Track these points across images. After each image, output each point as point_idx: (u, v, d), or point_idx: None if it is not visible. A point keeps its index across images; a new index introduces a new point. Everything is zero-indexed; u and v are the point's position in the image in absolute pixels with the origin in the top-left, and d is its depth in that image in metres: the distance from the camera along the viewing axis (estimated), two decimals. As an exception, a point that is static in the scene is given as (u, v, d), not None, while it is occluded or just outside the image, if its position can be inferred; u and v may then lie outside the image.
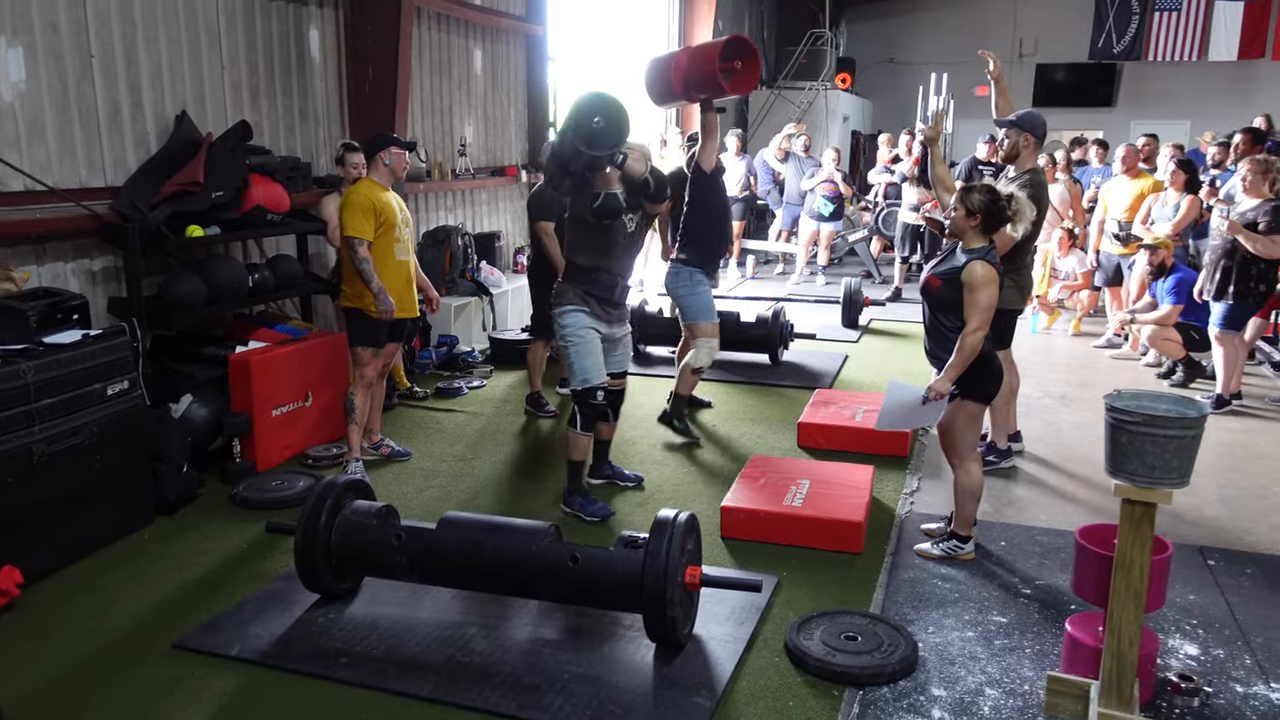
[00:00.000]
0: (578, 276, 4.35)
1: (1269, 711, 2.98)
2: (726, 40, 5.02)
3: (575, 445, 4.41)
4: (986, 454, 5.04)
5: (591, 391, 4.31)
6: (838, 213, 10.97)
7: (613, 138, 4.01)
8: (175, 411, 4.70)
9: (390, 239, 4.84)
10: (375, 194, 4.77)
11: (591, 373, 4.31)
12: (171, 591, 3.70)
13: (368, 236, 4.72)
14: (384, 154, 4.83)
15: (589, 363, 4.31)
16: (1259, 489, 4.87)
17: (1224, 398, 6.19)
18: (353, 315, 4.88)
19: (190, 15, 5.30)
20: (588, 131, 3.99)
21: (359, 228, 4.70)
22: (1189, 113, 16.23)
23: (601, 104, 4.05)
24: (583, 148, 3.98)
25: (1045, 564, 3.99)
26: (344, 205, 4.76)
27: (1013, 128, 4.80)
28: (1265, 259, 5.81)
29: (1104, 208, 7.93)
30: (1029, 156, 4.81)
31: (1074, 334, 8.49)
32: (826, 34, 15.58)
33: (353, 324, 4.90)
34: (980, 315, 3.70)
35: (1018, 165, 4.82)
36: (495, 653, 3.24)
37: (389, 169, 4.85)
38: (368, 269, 4.71)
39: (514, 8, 8.69)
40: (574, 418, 4.37)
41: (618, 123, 4.03)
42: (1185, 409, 2.58)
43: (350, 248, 4.72)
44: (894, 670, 3.10)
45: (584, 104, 4.06)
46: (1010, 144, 4.82)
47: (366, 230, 4.72)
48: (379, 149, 4.83)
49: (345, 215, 4.72)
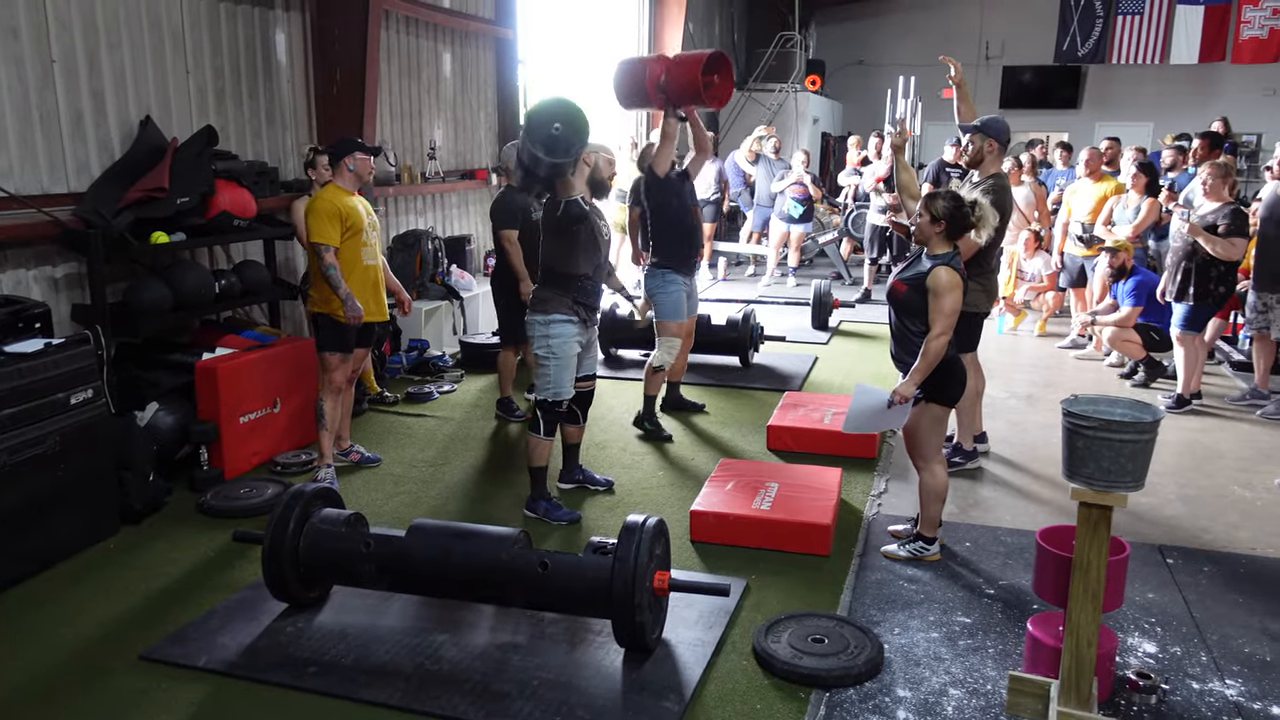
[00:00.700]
0: (566, 285, 4.26)
1: (1223, 707, 3.05)
2: (710, 55, 5.11)
3: (538, 451, 4.40)
4: (952, 456, 5.10)
5: (560, 402, 4.32)
6: (807, 215, 11.05)
7: (571, 144, 4.01)
8: (141, 419, 4.66)
9: (357, 244, 4.83)
10: (340, 199, 4.76)
11: (564, 386, 4.31)
12: (138, 602, 3.67)
13: (334, 242, 4.71)
14: (349, 159, 4.81)
15: (565, 376, 4.30)
16: (1217, 488, 4.97)
17: (1184, 397, 6.30)
18: (321, 320, 4.86)
19: (154, 20, 5.26)
20: (546, 138, 3.99)
21: (325, 234, 4.69)
22: (1152, 115, 16.50)
23: (560, 110, 4.06)
24: (541, 155, 3.98)
25: (1009, 564, 4.05)
26: (309, 212, 4.74)
27: (977, 133, 4.86)
28: (1224, 261, 5.93)
29: (1068, 210, 8.05)
30: (993, 161, 4.88)
31: (1039, 335, 8.61)
32: (796, 36, 15.68)
33: (321, 329, 4.89)
34: (944, 320, 3.75)
35: (981, 170, 4.89)
36: (464, 659, 3.25)
37: (354, 174, 4.84)
38: (335, 275, 4.70)
39: (483, 11, 8.68)
40: (536, 423, 4.36)
41: (576, 128, 4.03)
42: (1140, 414, 2.63)
43: (316, 254, 4.71)
44: (860, 672, 3.14)
45: (542, 110, 4.07)
46: (975, 149, 4.88)
47: (332, 236, 4.70)
48: (343, 154, 4.81)
49: (310, 222, 4.70)
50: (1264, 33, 14.53)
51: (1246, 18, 14.60)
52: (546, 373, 4.30)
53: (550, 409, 4.32)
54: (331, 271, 4.69)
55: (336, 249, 4.71)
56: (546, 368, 4.30)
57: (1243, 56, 14.76)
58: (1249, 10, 14.55)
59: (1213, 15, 14.78)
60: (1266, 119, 15.91)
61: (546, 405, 4.32)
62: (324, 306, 4.82)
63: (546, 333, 4.26)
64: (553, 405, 4.31)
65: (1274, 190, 6.00)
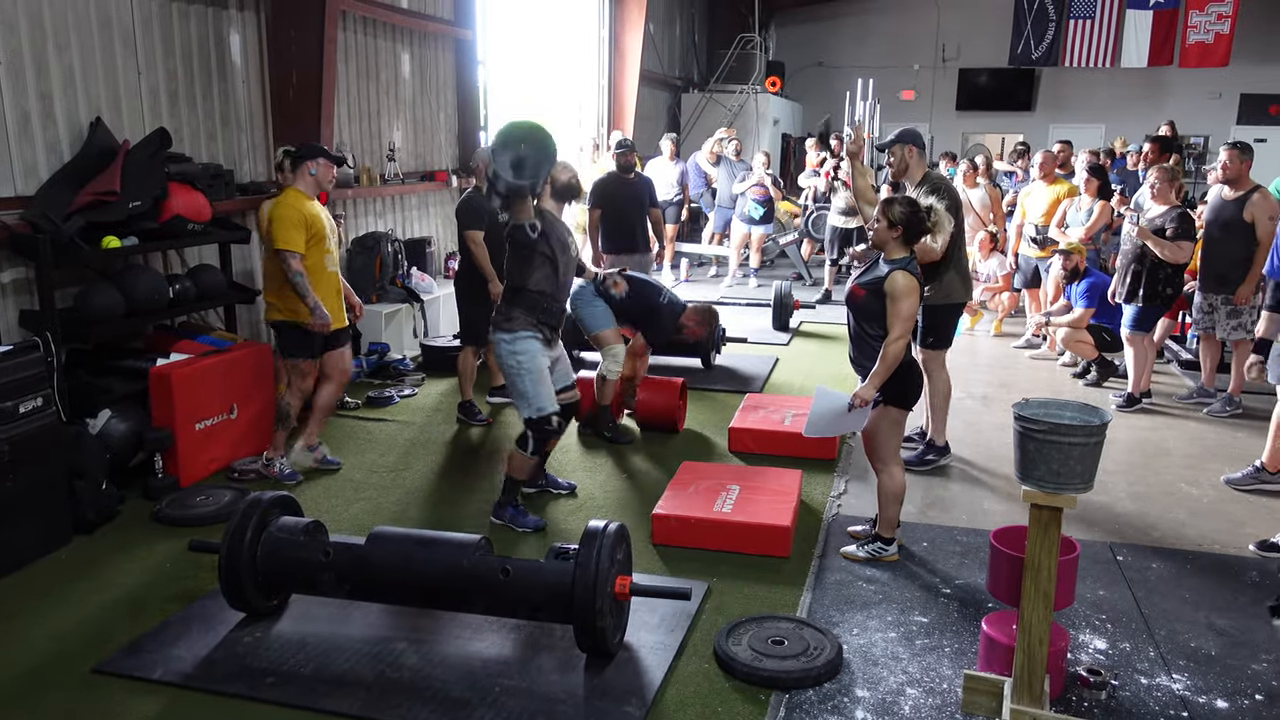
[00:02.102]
0: (531, 304, 4.22)
1: (1170, 701, 3.13)
2: None
3: (520, 465, 4.36)
4: (925, 454, 5.22)
5: (547, 418, 4.25)
6: (768, 216, 11.12)
7: (536, 168, 4.04)
8: (93, 427, 4.58)
9: (321, 250, 4.81)
10: (304, 205, 4.73)
11: (546, 400, 4.24)
12: (91, 613, 3.61)
13: (300, 249, 4.67)
14: (311, 163, 4.77)
15: (544, 390, 4.24)
16: (1165, 485, 5.09)
17: (1135, 396, 6.44)
18: (284, 327, 4.83)
19: (103, 20, 5.16)
20: (513, 158, 4.01)
21: (291, 240, 4.64)
22: (1104, 117, 16.84)
23: (527, 134, 4.08)
24: (506, 176, 4.00)
25: (965, 564, 4.12)
26: (273, 218, 4.68)
27: (895, 145, 5.06)
28: (1172, 264, 6.07)
29: (1022, 212, 8.20)
30: (918, 166, 5.06)
31: (995, 335, 8.75)
32: (756, 38, 15.77)
33: (285, 337, 4.85)
34: (902, 324, 3.81)
35: (909, 177, 5.04)
36: (426, 667, 3.24)
37: (314, 179, 4.80)
38: (302, 282, 4.66)
39: (442, 11, 8.63)
40: (524, 440, 4.28)
41: (542, 154, 4.05)
42: (1088, 417, 2.70)
43: (283, 261, 4.65)
44: (819, 673, 3.18)
45: (513, 131, 4.09)
46: (897, 159, 5.06)
47: (298, 243, 4.66)
48: (306, 159, 4.77)
49: (275, 229, 4.64)
50: (1210, 38, 14.88)
51: (1193, 23, 14.94)
52: (523, 390, 4.22)
53: (540, 427, 4.24)
54: (299, 279, 4.65)
55: (303, 256, 4.68)
56: (521, 385, 4.22)
57: (1190, 61, 15.09)
58: (1195, 15, 14.89)
59: (1161, 20, 15.10)
60: (1212, 122, 16.31)
61: (535, 424, 4.24)
62: (288, 314, 4.78)
63: (514, 349, 4.21)
64: (541, 423, 4.23)
65: (1218, 194, 6.15)
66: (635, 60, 12.78)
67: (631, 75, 12.80)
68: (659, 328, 5.85)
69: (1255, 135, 15.18)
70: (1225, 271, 6.04)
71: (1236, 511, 4.74)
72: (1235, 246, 5.96)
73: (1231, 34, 14.77)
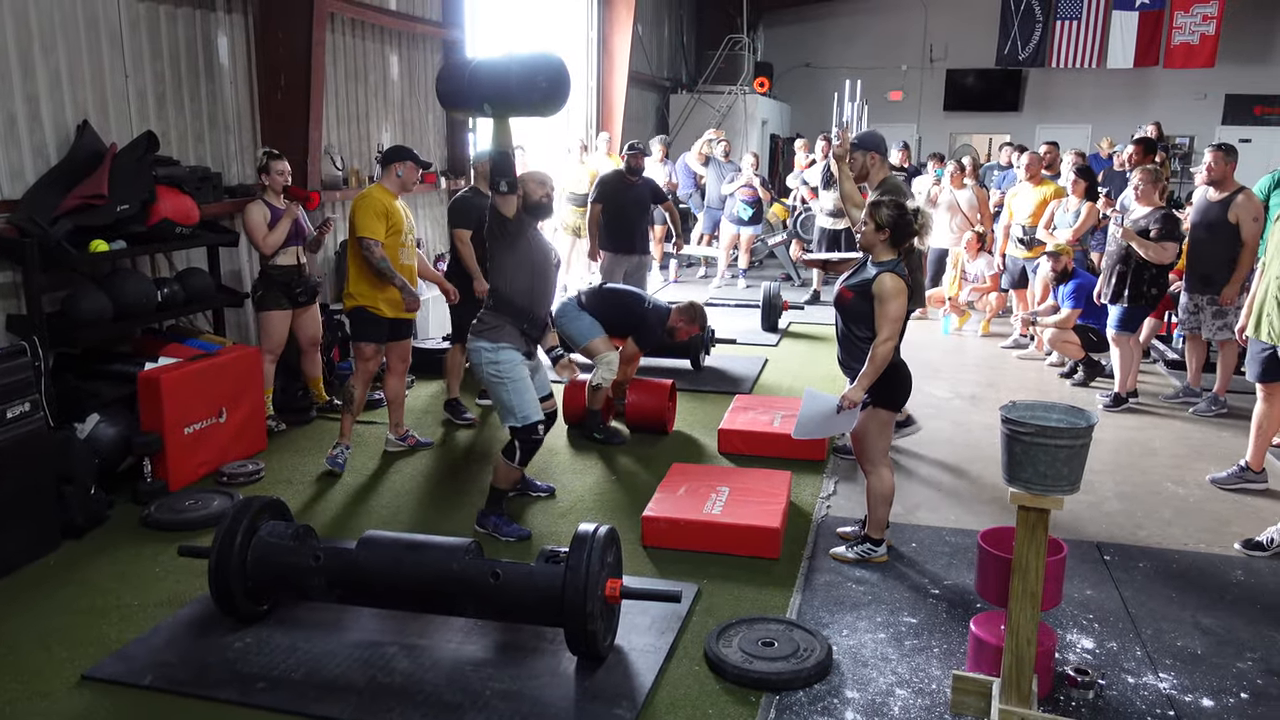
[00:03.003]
0: (514, 314, 4.18)
1: (1156, 700, 3.16)
2: None
3: (506, 475, 4.34)
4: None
5: (533, 427, 4.21)
6: (757, 217, 11.15)
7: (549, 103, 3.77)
8: (81, 432, 4.56)
9: (397, 242, 5.16)
10: (387, 200, 5.11)
11: (530, 408, 4.20)
12: (80, 619, 3.59)
13: (380, 237, 4.99)
14: (399, 165, 5.15)
15: (527, 399, 4.19)
16: (1151, 484, 5.13)
17: (1121, 396, 6.49)
18: (358, 314, 5.17)
19: (90, 22, 5.14)
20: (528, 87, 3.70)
21: (372, 228, 4.98)
22: (1091, 117, 16.94)
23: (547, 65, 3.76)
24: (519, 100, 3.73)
25: (954, 564, 4.14)
26: (356, 209, 5.03)
27: (857, 150, 5.12)
28: (1156, 264, 6.12)
29: (1009, 213, 8.24)
30: (878, 171, 5.16)
31: (983, 335, 8.79)
32: (744, 39, 15.80)
33: (357, 323, 5.21)
34: (890, 325, 3.83)
35: (870, 182, 5.11)
36: (417, 672, 3.24)
37: (400, 180, 5.18)
38: (387, 266, 5.01)
39: (431, 13, 8.61)
40: (511, 450, 4.24)
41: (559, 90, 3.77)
42: (1075, 419, 2.72)
43: (365, 248, 4.99)
44: (809, 675, 3.20)
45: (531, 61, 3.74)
46: (859, 165, 5.16)
47: (379, 231, 5.00)
48: (394, 160, 5.15)
49: (358, 218, 5.00)
50: (1195, 38, 14.98)
51: (1178, 24, 15.05)
52: (506, 401, 4.18)
53: (527, 436, 4.21)
54: (384, 265, 5.00)
55: (382, 243, 4.98)
56: (504, 395, 4.18)
57: (1175, 61, 15.21)
58: (1180, 16, 15.00)
59: (1146, 21, 15.21)
60: (1198, 122, 16.42)
61: (521, 433, 4.21)
62: (363, 300, 5.11)
63: (495, 359, 4.16)
64: (528, 432, 4.20)
65: (1204, 195, 6.20)
66: (624, 61, 12.79)
67: (620, 76, 12.81)
68: (648, 335, 5.87)
69: (1240, 136, 15.32)
70: (1211, 272, 6.09)
71: (1222, 510, 4.78)
72: (1220, 247, 6.01)
73: (1217, 35, 14.89)
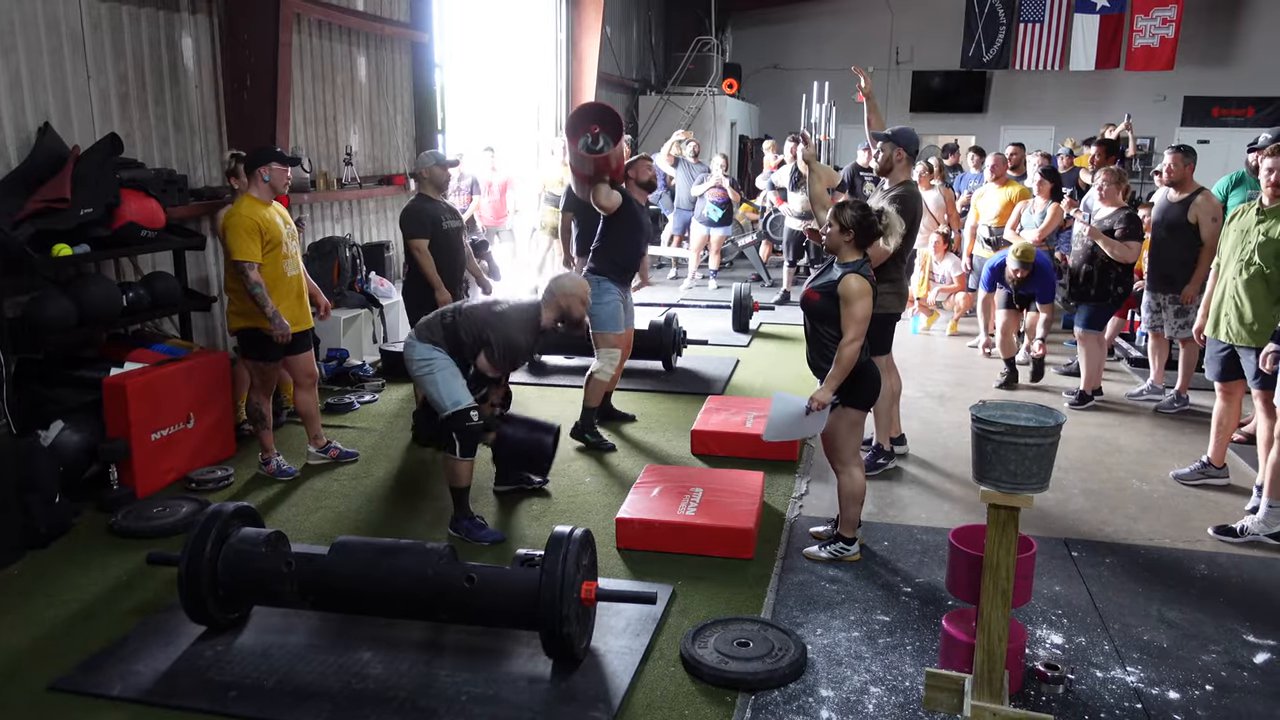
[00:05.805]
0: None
1: (1125, 694, 3.21)
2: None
3: (457, 472, 4.28)
4: (875, 458, 5.24)
5: (465, 414, 4.14)
6: (726, 218, 11.19)
7: None
8: (45, 439, 4.48)
9: (278, 256, 4.78)
10: (257, 212, 4.69)
11: (460, 393, 4.14)
12: (46, 630, 3.54)
13: (257, 259, 4.64)
14: (264, 169, 4.72)
15: (456, 384, 4.13)
16: (1117, 481, 5.21)
17: (1087, 394, 6.59)
18: (247, 335, 4.85)
19: (51, 22, 5.06)
20: None
21: (247, 250, 4.61)
22: (1054, 119, 17.18)
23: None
24: None
25: (925, 562, 4.19)
26: (227, 228, 4.63)
27: (887, 142, 4.99)
28: (1121, 263, 6.22)
29: (976, 214, 8.34)
30: (902, 170, 5.00)
31: (951, 334, 8.88)
32: (713, 40, 15.85)
33: (248, 343, 4.89)
34: (856, 326, 3.86)
35: (891, 179, 5.01)
36: (391, 677, 3.22)
37: (269, 185, 4.76)
38: (261, 293, 4.65)
39: (398, 14, 8.56)
40: (451, 443, 4.18)
41: None
42: (1044, 418, 2.76)
43: (241, 272, 4.63)
44: (784, 674, 3.22)
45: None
46: (884, 157, 5.01)
47: (254, 252, 4.63)
48: (259, 164, 4.72)
49: (230, 239, 4.61)
50: (1155, 41, 15.24)
51: (1138, 27, 15.30)
52: (433, 391, 4.13)
53: (460, 423, 4.13)
54: (258, 290, 4.64)
55: (260, 265, 4.65)
56: (430, 387, 4.13)
57: (1136, 64, 15.46)
58: (1140, 20, 15.25)
59: (1107, 24, 15.45)
60: (1158, 124, 16.71)
61: (455, 420, 4.14)
62: (249, 320, 4.78)
63: (415, 357, 4.17)
64: (460, 418, 4.13)
65: (1164, 196, 6.30)
66: (593, 63, 12.78)
67: (589, 77, 12.80)
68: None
69: (1198, 137, 15.61)
70: (1172, 272, 6.19)
71: (1185, 506, 4.87)
72: (1181, 247, 6.11)
73: (1176, 38, 15.16)
